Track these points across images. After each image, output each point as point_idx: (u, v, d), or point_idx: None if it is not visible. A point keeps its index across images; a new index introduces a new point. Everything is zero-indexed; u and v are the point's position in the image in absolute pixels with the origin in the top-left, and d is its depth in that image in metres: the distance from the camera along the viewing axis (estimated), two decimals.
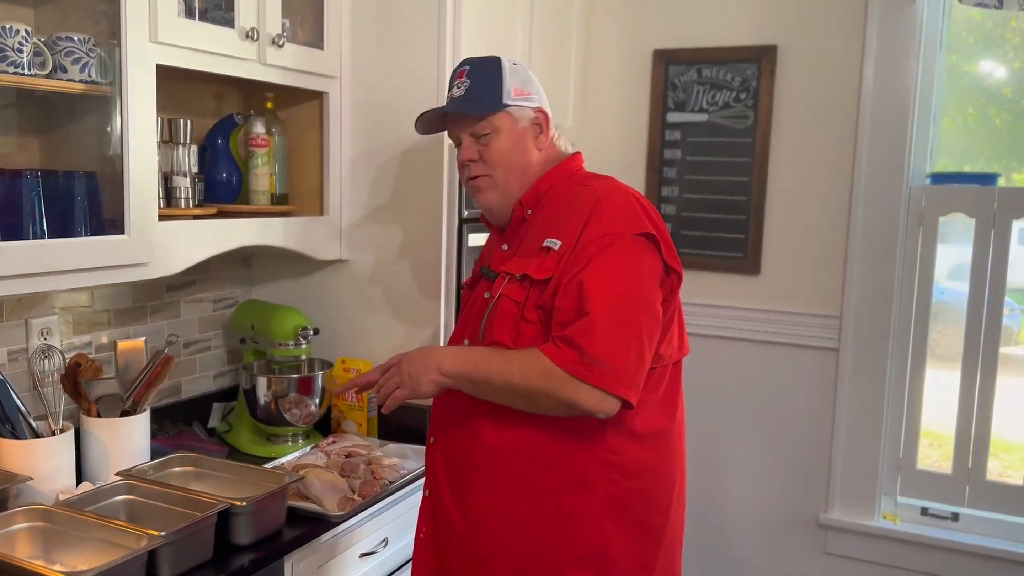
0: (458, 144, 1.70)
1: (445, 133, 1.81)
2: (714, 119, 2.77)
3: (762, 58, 2.69)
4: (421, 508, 1.74)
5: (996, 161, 2.64)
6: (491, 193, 1.67)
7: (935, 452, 2.72)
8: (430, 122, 1.75)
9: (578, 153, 1.74)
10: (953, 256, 2.64)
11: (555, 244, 1.54)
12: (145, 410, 1.93)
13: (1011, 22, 2.60)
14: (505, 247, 1.69)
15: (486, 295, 1.64)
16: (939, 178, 2.60)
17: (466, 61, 1.70)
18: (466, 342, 1.65)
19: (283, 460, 2.09)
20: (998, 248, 2.51)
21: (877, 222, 2.59)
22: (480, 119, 1.64)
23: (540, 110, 1.68)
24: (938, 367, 2.66)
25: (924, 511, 2.68)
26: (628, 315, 1.48)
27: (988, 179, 2.54)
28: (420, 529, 1.73)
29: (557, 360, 1.44)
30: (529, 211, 1.66)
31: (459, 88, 1.67)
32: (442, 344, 2.22)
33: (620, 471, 1.55)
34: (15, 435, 1.71)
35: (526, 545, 1.55)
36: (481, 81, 1.65)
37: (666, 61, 2.82)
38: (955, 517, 2.64)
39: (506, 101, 1.64)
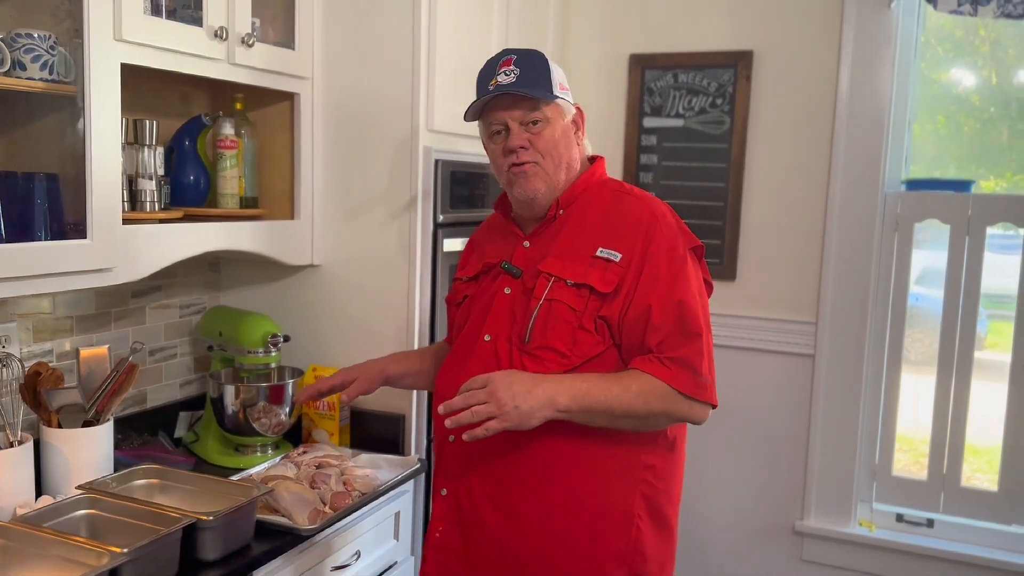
0: (497, 131, 1.63)
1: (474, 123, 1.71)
2: (690, 124, 2.76)
3: (738, 63, 2.68)
4: (437, 508, 1.70)
5: (965, 169, 2.65)
6: (538, 181, 1.62)
7: (906, 456, 2.72)
8: (474, 107, 1.66)
9: (602, 158, 1.75)
10: (927, 262, 2.64)
11: (615, 256, 1.56)
12: (108, 420, 1.87)
13: (979, 31, 2.62)
14: (527, 244, 1.66)
15: (507, 291, 1.64)
16: (914, 184, 2.60)
17: (510, 51, 1.65)
18: (487, 337, 1.62)
19: (252, 471, 2.03)
20: (972, 254, 2.51)
21: (853, 228, 2.59)
22: (535, 106, 1.59)
23: (579, 108, 1.69)
24: (912, 372, 2.67)
25: (899, 517, 2.68)
26: (710, 331, 1.59)
27: (963, 186, 2.54)
28: (436, 528, 1.69)
29: (675, 383, 1.50)
30: (561, 211, 1.64)
31: (507, 75, 1.60)
32: (416, 339, 2.18)
33: (653, 472, 1.60)
34: None
35: (565, 545, 1.57)
36: (531, 70, 1.60)
37: (642, 66, 2.81)
38: (930, 523, 2.65)
39: (556, 93, 1.62)
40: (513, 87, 1.58)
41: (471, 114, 1.66)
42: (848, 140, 2.57)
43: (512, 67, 1.60)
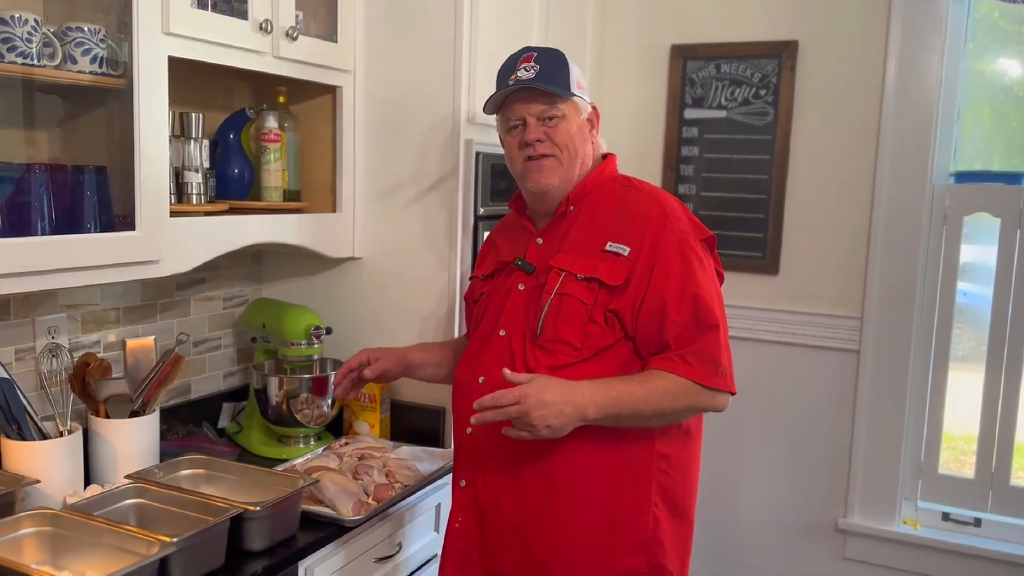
0: (515, 126, 1.69)
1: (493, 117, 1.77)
2: (733, 115, 2.72)
3: (782, 53, 2.64)
4: (456, 499, 1.75)
5: (1010, 162, 2.58)
6: (554, 174, 1.66)
7: (952, 454, 2.67)
8: (493, 99, 1.71)
9: (614, 155, 1.78)
10: (975, 256, 2.58)
11: (623, 250, 1.59)
12: (154, 410, 1.89)
13: None
14: (540, 241, 1.71)
15: (520, 287, 1.68)
16: (963, 177, 2.55)
17: (530, 48, 1.70)
18: (502, 332, 1.67)
19: (295, 462, 2.04)
20: None
21: (900, 221, 2.54)
22: (553, 102, 1.64)
23: (595, 107, 1.73)
24: (959, 369, 2.61)
25: (945, 516, 2.63)
26: (726, 320, 1.61)
27: (1014, 178, 2.48)
28: (455, 519, 1.75)
29: (697, 377, 1.53)
30: (572, 207, 1.69)
31: (527, 71, 1.65)
32: (455, 332, 2.18)
33: (668, 462, 1.63)
34: (22, 436, 1.67)
35: (584, 534, 1.60)
36: (551, 67, 1.65)
37: (684, 56, 2.77)
38: (977, 522, 2.59)
39: (573, 91, 1.67)
40: (532, 82, 1.63)
41: (491, 107, 1.72)
42: (895, 131, 2.52)
43: (532, 63, 1.65)
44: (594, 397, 1.51)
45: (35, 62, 1.54)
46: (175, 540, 1.42)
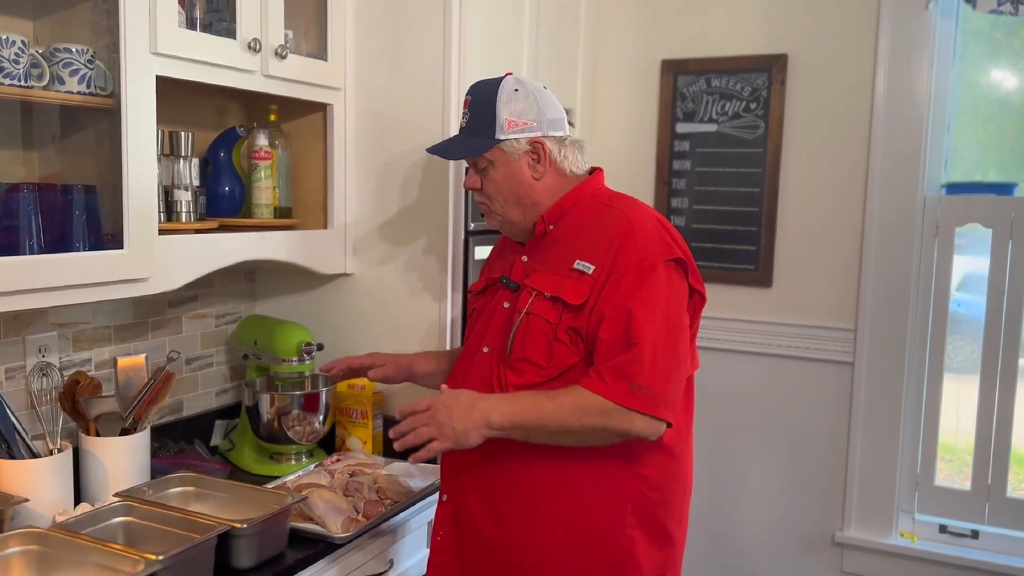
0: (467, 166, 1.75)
1: None
2: (724, 129, 2.73)
3: (772, 67, 2.65)
4: (438, 512, 1.77)
5: (1006, 173, 2.58)
6: (492, 219, 1.74)
7: (949, 466, 2.66)
8: (433, 151, 1.79)
9: (600, 170, 1.76)
10: (969, 267, 2.58)
11: (588, 268, 1.58)
12: (145, 428, 1.89)
13: (1020, 31, 2.56)
14: (525, 258, 1.71)
15: (505, 304, 1.68)
16: (954, 188, 2.55)
17: (472, 88, 1.71)
18: (485, 349, 1.68)
19: (286, 479, 2.04)
20: (1016, 258, 2.45)
21: (892, 233, 2.55)
22: (475, 157, 1.68)
23: (536, 141, 1.65)
24: (954, 380, 2.61)
25: (943, 528, 2.62)
26: (670, 341, 1.54)
27: (1005, 188, 2.49)
28: (437, 532, 1.76)
29: (607, 394, 1.48)
30: (551, 226, 1.68)
31: (464, 119, 1.70)
32: (448, 347, 2.18)
33: (646, 483, 1.60)
34: (11, 455, 1.67)
35: (557, 552, 1.60)
36: (478, 114, 1.66)
37: (674, 71, 2.79)
38: (975, 535, 2.58)
39: (499, 136, 1.64)
40: (446, 151, 1.72)
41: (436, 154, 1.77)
42: (886, 143, 2.53)
43: (467, 110, 1.69)
44: (500, 405, 1.52)
45: (22, 83, 1.56)
46: (161, 558, 1.42)
